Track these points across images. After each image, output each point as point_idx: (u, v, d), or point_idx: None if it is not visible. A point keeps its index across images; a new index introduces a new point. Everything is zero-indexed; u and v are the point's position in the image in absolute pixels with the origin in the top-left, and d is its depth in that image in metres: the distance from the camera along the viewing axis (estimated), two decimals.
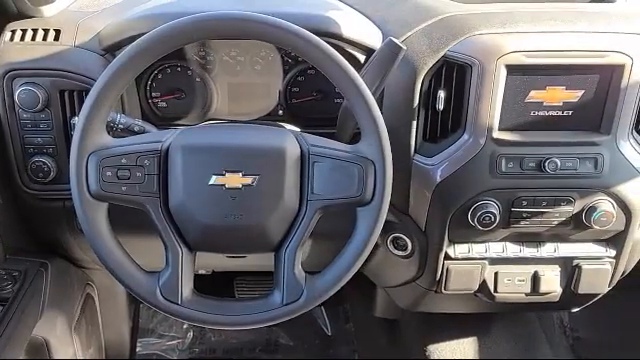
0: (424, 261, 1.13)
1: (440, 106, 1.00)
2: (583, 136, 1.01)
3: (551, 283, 1.13)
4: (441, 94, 0.99)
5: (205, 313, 0.84)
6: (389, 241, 1.15)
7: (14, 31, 1.06)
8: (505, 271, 1.13)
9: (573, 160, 1.01)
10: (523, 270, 1.13)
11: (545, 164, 1.01)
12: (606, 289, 1.16)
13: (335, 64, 0.80)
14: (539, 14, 1.01)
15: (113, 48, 1.03)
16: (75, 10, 1.13)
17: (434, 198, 1.05)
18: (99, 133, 0.82)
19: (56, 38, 1.05)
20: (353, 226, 0.85)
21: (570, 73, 0.98)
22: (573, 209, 1.04)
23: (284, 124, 1.11)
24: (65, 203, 1.11)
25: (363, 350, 1.77)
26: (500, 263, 1.13)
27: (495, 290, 1.14)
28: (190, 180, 0.82)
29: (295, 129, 1.10)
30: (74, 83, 1.03)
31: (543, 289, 1.13)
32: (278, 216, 0.83)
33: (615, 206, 1.04)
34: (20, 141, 1.06)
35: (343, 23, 1.02)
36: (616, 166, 1.02)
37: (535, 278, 1.13)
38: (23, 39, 1.05)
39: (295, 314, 0.85)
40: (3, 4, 1.05)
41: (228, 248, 0.90)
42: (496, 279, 1.14)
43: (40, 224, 1.17)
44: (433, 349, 1.45)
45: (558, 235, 1.10)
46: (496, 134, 1.00)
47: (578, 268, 1.12)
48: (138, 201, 0.82)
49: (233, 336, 1.80)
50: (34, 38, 1.06)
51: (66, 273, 1.27)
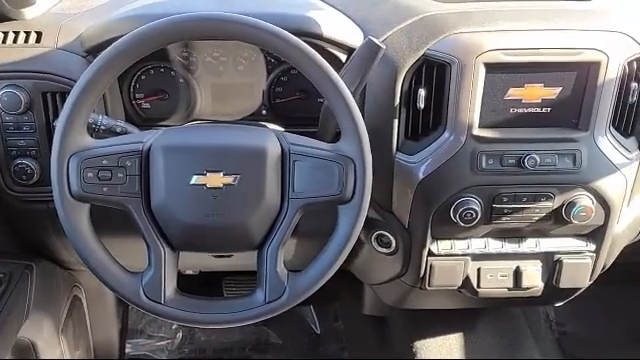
0: (408, 258, 1.14)
1: (421, 104, 1.01)
2: (561, 132, 1.03)
3: (533, 278, 1.14)
4: (422, 92, 1.00)
5: (188, 312, 0.85)
6: (373, 238, 1.16)
7: None
8: (487, 267, 1.15)
9: (552, 156, 1.03)
10: (505, 265, 1.15)
11: (525, 160, 1.02)
12: (587, 283, 1.17)
13: (313, 64, 0.81)
14: (517, 12, 1.02)
15: (95, 50, 1.03)
16: (57, 12, 1.13)
17: (416, 195, 1.06)
18: (80, 134, 0.82)
19: (38, 40, 1.05)
20: (334, 224, 0.86)
21: (548, 70, 1.00)
22: (553, 204, 1.06)
23: (267, 124, 1.11)
24: (49, 205, 1.11)
25: (352, 348, 1.79)
26: (482, 259, 1.14)
27: (478, 286, 1.16)
28: (171, 180, 0.82)
29: (278, 128, 1.11)
30: (56, 85, 1.03)
31: (525, 284, 1.15)
32: (259, 215, 0.84)
33: (594, 201, 1.06)
34: (3, 143, 1.06)
35: (324, 23, 1.03)
36: (594, 162, 1.03)
37: (517, 273, 1.15)
38: (5, 42, 1.05)
39: (278, 312, 0.86)
40: None
41: (210, 247, 0.91)
42: (479, 275, 1.15)
43: (24, 226, 1.17)
44: (420, 345, 1.46)
45: (539, 230, 1.11)
46: (476, 131, 1.01)
47: (559, 263, 1.14)
48: (120, 202, 0.83)
49: (223, 336, 1.81)
50: (16, 40, 1.06)
51: (52, 275, 1.27)
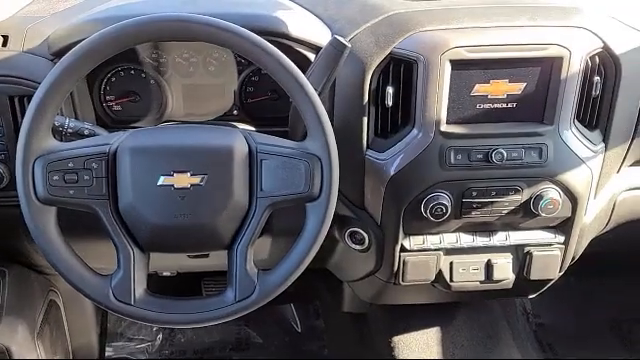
0: (381, 254, 1.16)
1: (389, 102, 1.02)
2: (527, 127, 1.05)
3: (504, 270, 1.16)
4: (389, 90, 1.02)
5: (158, 313, 0.85)
6: (347, 236, 1.17)
7: None
8: (460, 261, 1.16)
9: (519, 150, 1.04)
10: (477, 259, 1.16)
11: (492, 155, 1.03)
12: (557, 274, 1.19)
13: (277, 63, 0.82)
14: (481, 10, 1.04)
15: (62, 52, 1.02)
16: (24, 16, 1.13)
17: (387, 192, 1.07)
18: (45, 137, 0.82)
19: (4, 44, 1.05)
20: (303, 221, 0.87)
21: (512, 66, 1.01)
22: (521, 198, 1.08)
23: (237, 123, 1.12)
24: (21, 209, 1.11)
25: (333, 345, 1.80)
26: (454, 253, 1.16)
27: (451, 280, 1.17)
28: (139, 182, 0.82)
29: (249, 128, 1.12)
30: (24, 89, 1.02)
31: (497, 277, 1.16)
32: (228, 214, 0.85)
33: (561, 194, 1.08)
34: None
35: (291, 22, 1.03)
36: (560, 155, 1.05)
37: (489, 266, 1.16)
38: None
39: (248, 310, 0.87)
40: None
41: (180, 248, 0.91)
42: (451, 269, 1.16)
43: None
44: (398, 340, 1.48)
45: (508, 224, 1.13)
46: (444, 127, 1.03)
47: (529, 255, 1.16)
48: (87, 204, 0.83)
49: (203, 336, 1.81)
50: None
51: (26, 280, 1.26)
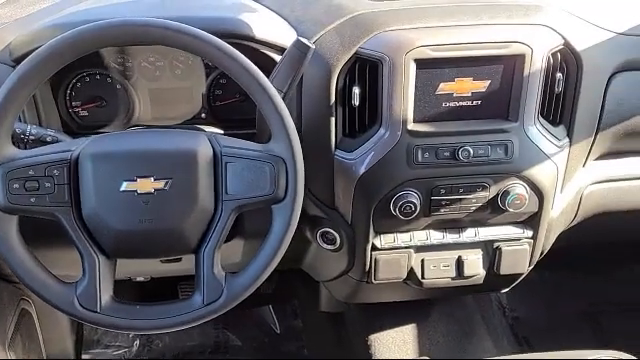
0: (353, 253, 1.16)
1: (356, 102, 1.03)
2: (493, 124, 1.06)
3: (474, 266, 1.18)
4: (356, 90, 1.02)
5: (125, 319, 0.84)
6: (318, 236, 1.18)
7: None
8: (430, 258, 1.17)
9: (485, 147, 1.06)
10: (447, 256, 1.17)
11: (459, 153, 1.05)
12: (526, 269, 1.21)
13: (238, 65, 0.82)
14: (445, 9, 1.05)
15: (23, 59, 1.00)
16: None
17: (357, 191, 1.08)
18: (4, 145, 0.81)
19: None
20: (269, 223, 0.87)
21: (476, 64, 1.03)
22: (488, 194, 1.09)
23: (205, 127, 1.11)
24: None
25: (311, 345, 1.80)
26: (425, 250, 1.17)
27: (422, 277, 1.18)
28: (101, 188, 0.82)
29: (218, 131, 1.11)
30: None
31: (467, 272, 1.18)
32: (194, 218, 0.85)
33: (527, 189, 1.09)
34: None
35: (256, 25, 1.03)
36: (525, 151, 1.07)
37: (459, 262, 1.17)
38: None
39: (217, 313, 0.87)
40: None
41: (146, 253, 0.91)
42: (423, 266, 1.18)
43: None
44: (374, 339, 1.49)
45: (477, 220, 1.14)
46: (411, 126, 1.04)
47: (498, 250, 1.17)
48: (49, 212, 0.82)
49: (181, 341, 1.80)
50: None
51: None
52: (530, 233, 1.16)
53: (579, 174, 1.18)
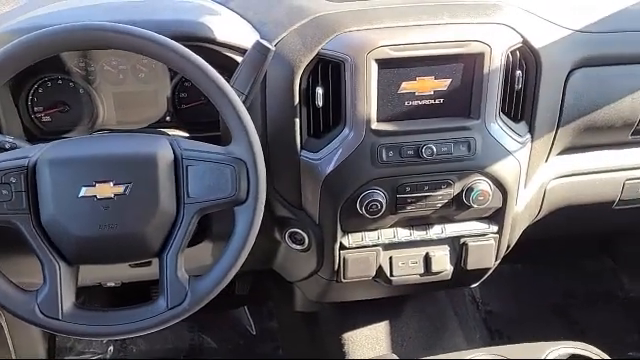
0: (321, 253, 1.17)
1: (319, 102, 1.03)
2: (455, 122, 1.07)
3: (442, 262, 1.19)
4: (319, 91, 1.03)
5: (88, 326, 0.84)
6: (287, 236, 1.18)
7: None
8: (398, 255, 1.18)
9: (448, 145, 1.07)
10: (415, 253, 1.19)
11: (422, 151, 1.06)
12: (493, 263, 1.23)
13: (195, 68, 0.82)
14: (405, 9, 1.06)
15: None
16: None
17: (323, 191, 1.08)
18: None
19: None
20: (232, 225, 0.87)
21: (437, 63, 1.04)
22: (453, 191, 1.10)
23: (171, 130, 1.11)
24: None
25: (287, 345, 1.80)
26: (393, 248, 1.18)
27: (391, 274, 1.19)
28: (60, 194, 0.81)
29: (183, 134, 1.11)
30: None
31: (435, 269, 1.19)
32: (155, 222, 0.84)
33: (491, 185, 1.11)
34: None
35: (217, 27, 1.03)
36: (488, 147, 1.08)
37: (427, 259, 1.19)
38: None
39: (181, 317, 0.86)
40: None
41: (108, 258, 0.90)
42: (391, 263, 1.18)
43: None
44: (347, 337, 1.50)
45: (443, 216, 1.16)
46: (374, 125, 1.05)
47: (465, 246, 1.19)
48: (6, 219, 0.81)
49: (155, 345, 1.79)
50: None
51: None
52: (495, 228, 1.18)
53: (542, 169, 1.20)
